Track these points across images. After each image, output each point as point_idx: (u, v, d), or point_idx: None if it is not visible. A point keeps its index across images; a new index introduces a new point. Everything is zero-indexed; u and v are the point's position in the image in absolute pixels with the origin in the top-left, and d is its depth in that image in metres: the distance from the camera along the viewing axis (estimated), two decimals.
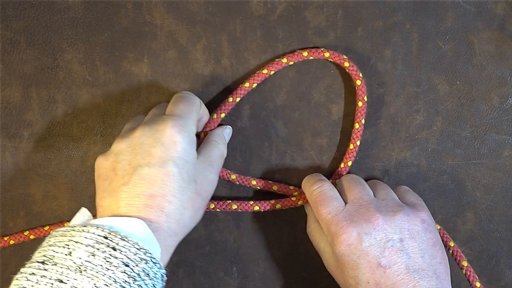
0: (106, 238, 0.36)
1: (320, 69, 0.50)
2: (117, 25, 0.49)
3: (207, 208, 0.49)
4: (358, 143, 0.49)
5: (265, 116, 0.51)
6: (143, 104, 0.50)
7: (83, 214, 0.41)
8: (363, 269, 0.42)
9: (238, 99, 0.49)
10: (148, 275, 0.37)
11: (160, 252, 0.39)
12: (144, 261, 0.37)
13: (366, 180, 0.48)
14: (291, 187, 0.50)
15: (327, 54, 0.48)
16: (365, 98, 0.48)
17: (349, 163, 0.49)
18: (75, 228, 0.37)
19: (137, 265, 0.36)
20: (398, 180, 0.51)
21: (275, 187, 0.50)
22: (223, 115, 0.49)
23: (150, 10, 0.49)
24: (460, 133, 0.50)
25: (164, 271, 0.39)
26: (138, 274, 0.36)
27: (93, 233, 0.37)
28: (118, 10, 0.49)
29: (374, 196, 0.46)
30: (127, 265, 0.36)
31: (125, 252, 0.36)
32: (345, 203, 0.45)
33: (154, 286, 0.37)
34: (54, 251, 0.36)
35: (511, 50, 0.49)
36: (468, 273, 0.48)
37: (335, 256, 0.43)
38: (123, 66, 0.50)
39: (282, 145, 0.51)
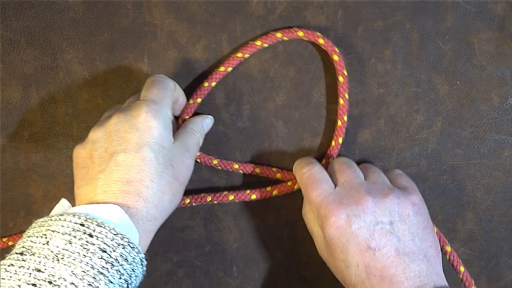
0: (82, 225, 0.37)
1: (320, 69, 0.50)
2: (117, 25, 0.49)
3: (204, 202, 0.50)
4: (345, 118, 0.49)
5: (265, 116, 0.51)
6: None
7: (62, 204, 0.41)
8: (353, 251, 0.41)
9: (213, 84, 0.49)
10: (126, 260, 0.37)
11: (139, 237, 0.39)
12: (121, 246, 0.37)
13: (358, 164, 0.48)
14: (274, 169, 0.50)
15: (300, 33, 0.48)
16: (345, 72, 0.48)
17: (340, 140, 0.49)
18: (53, 218, 0.38)
19: (114, 251, 0.36)
20: None
21: (257, 170, 0.50)
22: (199, 100, 0.49)
23: (150, 10, 0.49)
24: (460, 133, 0.50)
25: (143, 255, 0.39)
26: (116, 260, 0.36)
27: (70, 221, 0.37)
28: (118, 10, 0.49)
29: (365, 179, 0.45)
30: (104, 251, 0.36)
31: (102, 238, 0.36)
32: (335, 185, 0.44)
33: (133, 270, 0.38)
34: (32, 241, 0.36)
35: (511, 50, 0.49)
36: (464, 278, 0.48)
37: (325, 239, 0.43)
38: (123, 66, 0.50)
39: (282, 145, 0.51)
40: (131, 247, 0.37)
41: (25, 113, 0.50)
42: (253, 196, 0.50)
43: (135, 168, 0.40)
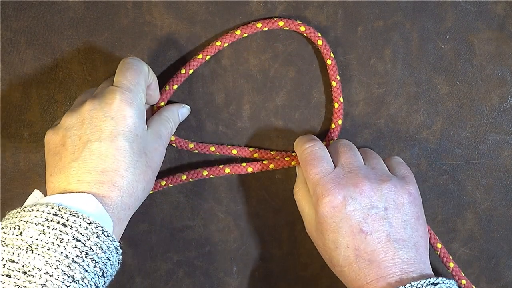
0: (55, 215, 0.37)
1: (320, 69, 0.50)
2: (117, 25, 0.49)
3: (201, 177, 0.50)
4: (340, 122, 0.49)
5: (265, 116, 0.51)
6: None
7: (35, 195, 0.41)
8: (344, 233, 0.42)
9: (191, 71, 0.49)
10: (101, 248, 0.37)
11: (113, 225, 0.39)
12: (95, 235, 0.37)
13: (359, 148, 0.48)
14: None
15: (281, 23, 0.48)
16: (332, 55, 0.48)
17: (331, 142, 0.49)
18: (25, 209, 0.38)
19: (88, 239, 0.36)
20: None
21: (234, 151, 0.50)
22: (175, 86, 0.49)
23: (150, 10, 0.49)
24: (460, 133, 0.50)
25: (117, 243, 0.39)
26: (90, 248, 0.36)
27: (43, 211, 0.37)
28: (118, 10, 0.49)
29: (365, 163, 0.45)
30: (78, 240, 0.36)
31: (76, 227, 0.36)
32: (335, 166, 0.45)
33: (108, 259, 0.38)
34: (5, 232, 0.36)
35: (511, 50, 0.49)
36: (454, 273, 0.49)
37: (317, 218, 0.43)
38: None
39: (282, 145, 0.51)
40: (105, 236, 0.37)
41: (25, 113, 0.50)
42: (250, 169, 0.49)
43: (109, 157, 0.40)
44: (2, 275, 0.34)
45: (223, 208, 0.52)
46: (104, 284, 0.38)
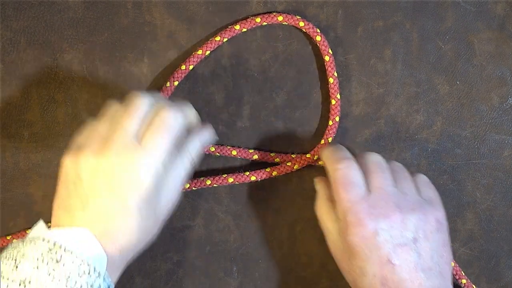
0: (50, 250, 0.37)
1: (320, 68, 0.50)
2: (117, 25, 0.49)
3: (204, 186, 0.50)
4: (337, 119, 0.49)
5: (265, 116, 0.51)
6: None
7: (39, 226, 0.41)
8: (372, 262, 0.41)
9: (191, 67, 0.49)
10: (91, 286, 0.37)
11: (108, 265, 0.39)
12: (87, 274, 0.37)
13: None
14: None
15: (280, 18, 0.48)
16: (330, 51, 0.48)
17: (330, 140, 0.49)
18: (25, 241, 0.38)
19: (80, 277, 0.36)
20: None
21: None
22: (176, 82, 0.49)
23: (150, 10, 0.49)
24: (460, 133, 0.50)
25: (110, 282, 0.39)
26: (81, 286, 0.36)
27: (39, 245, 0.37)
28: (118, 10, 0.49)
29: (395, 184, 0.44)
30: (69, 278, 0.36)
31: (68, 264, 0.36)
32: (367, 187, 0.43)
33: None
34: (4, 264, 0.37)
35: (511, 50, 0.49)
36: (455, 272, 0.50)
37: (345, 243, 0.43)
38: (123, 66, 0.50)
39: (282, 145, 0.51)
40: (97, 275, 0.37)
41: (25, 113, 0.50)
42: (253, 178, 0.50)
43: (117, 218, 0.40)
44: None
45: (223, 208, 0.52)
46: None
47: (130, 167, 0.40)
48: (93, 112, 0.50)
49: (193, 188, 0.50)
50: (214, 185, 0.50)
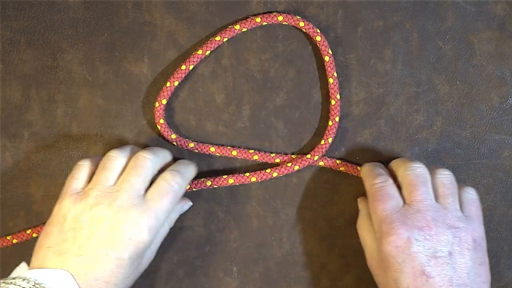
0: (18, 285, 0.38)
1: (320, 69, 0.50)
2: (117, 25, 0.49)
3: (205, 187, 0.50)
4: (337, 119, 0.49)
5: (265, 116, 0.51)
6: (143, 104, 0.50)
7: (21, 266, 0.42)
8: (406, 273, 0.41)
9: (191, 67, 0.49)
10: None
11: None
12: None
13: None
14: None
15: (280, 18, 0.48)
16: (330, 52, 0.48)
17: (330, 140, 0.49)
18: (6, 281, 0.38)
19: None
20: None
21: (234, 152, 0.50)
22: (176, 83, 0.49)
23: (150, 10, 0.49)
24: (460, 133, 0.50)
25: None
26: None
27: (19, 285, 0.38)
28: (118, 10, 0.49)
29: (437, 198, 0.44)
30: None
31: None
32: (403, 199, 0.44)
33: None
34: None
35: (511, 50, 0.49)
36: None
37: (380, 254, 0.43)
38: (123, 66, 0.50)
39: (282, 145, 0.51)
40: None
41: (25, 113, 0.50)
42: (253, 179, 0.50)
43: (108, 271, 0.41)
44: None
45: (223, 208, 0.52)
46: None
47: (135, 224, 0.42)
48: (93, 112, 0.50)
49: (193, 189, 0.50)
50: (215, 186, 0.50)
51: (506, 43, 0.49)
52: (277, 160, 0.50)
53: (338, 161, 0.50)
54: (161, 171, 0.46)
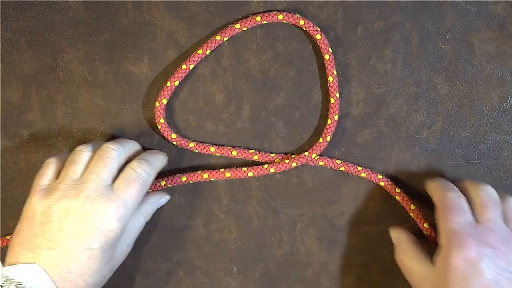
0: (1, 286, 0.38)
1: (320, 69, 0.50)
2: (117, 25, 0.49)
3: (201, 180, 0.50)
4: (336, 117, 0.49)
5: (265, 116, 0.51)
6: (143, 104, 0.50)
7: None
8: None
9: (191, 66, 0.49)
10: None
11: None
12: None
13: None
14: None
15: (280, 16, 0.48)
16: (330, 50, 0.48)
17: (328, 138, 0.49)
18: None
19: None
20: (398, 180, 0.51)
21: (234, 153, 0.50)
22: (176, 82, 0.49)
23: (150, 10, 0.49)
24: (460, 133, 0.50)
25: None
26: None
27: None
28: (118, 10, 0.49)
29: (505, 221, 0.44)
30: None
31: None
32: (475, 217, 0.44)
33: None
34: None
35: (511, 50, 0.49)
36: (416, 215, 0.50)
37: (444, 268, 0.42)
38: (123, 66, 0.50)
39: (282, 145, 0.51)
40: None
41: (25, 113, 0.50)
42: (250, 174, 0.50)
43: (80, 262, 0.41)
44: None
45: (223, 208, 0.52)
46: None
47: (103, 213, 0.42)
48: (93, 112, 0.50)
49: (190, 182, 0.50)
50: (211, 179, 0.50)
51: (506, 43, 0.49)
52: (277, 160, 0.50)
53: (338, 161, 0.50)
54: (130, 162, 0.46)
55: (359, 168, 0.50)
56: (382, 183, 0.50)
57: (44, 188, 0.44)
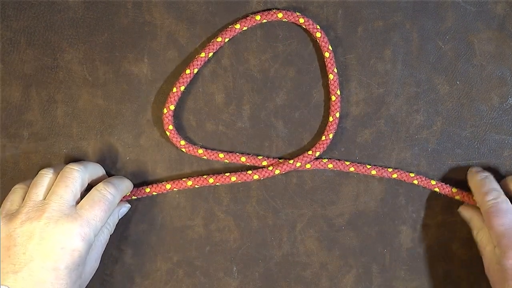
0: None
1: (321, 69, 0.50)
2: (117, 25, 0.49)
3: (206, 184, 0.50)
4: (337, 115, 0.49)
5: (265, 116, 0.51)
6: (143, 104, 0.50)
7: None
8: None
9: (195, 70, 0.49)
10: None
11: None
12: None
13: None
14: (259, 157, 0.50)
15: (280, 15, 0.48)
16: (330, 48, 0.48)
17: (330, 136, 0.49)
18: None
19: None
20: (399, 180, 0.51)
21: (243, 159, 0.50)
22: (182, 88, 0.49)
23: (150, 10, 0.49)
24: (460, 133, 0.50)
25: None
26: None
27: None
28: (118, 10, 0.49)
29: None
30: None
31: None
32: None
33: None
34: None
35: (511, 50, 0.49)
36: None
37: (502, 267, 0.44)
38: (123, 66, 0.50)
39: (282, 145, 0.51)
40: None
41: (25, 113, 0.50)
42: (255, 177, 0.50)
43: (47, 283, 0.41)
44: None
45: (223, 208, 0.52)
46: None
47: (67, 233, 0.42)
48: (93, 112, 0.50)
49: (196, 186, 0.50)
50: (217, 183, 0.50)
51: (506, 43, 0.49)
52: (281, 161, 0.50)
53: (347, 162, 0.50)
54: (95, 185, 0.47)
55: (368, 166, 0.50)
56: (395, 175, 0.50)
57: (10, 213, 0.44)
